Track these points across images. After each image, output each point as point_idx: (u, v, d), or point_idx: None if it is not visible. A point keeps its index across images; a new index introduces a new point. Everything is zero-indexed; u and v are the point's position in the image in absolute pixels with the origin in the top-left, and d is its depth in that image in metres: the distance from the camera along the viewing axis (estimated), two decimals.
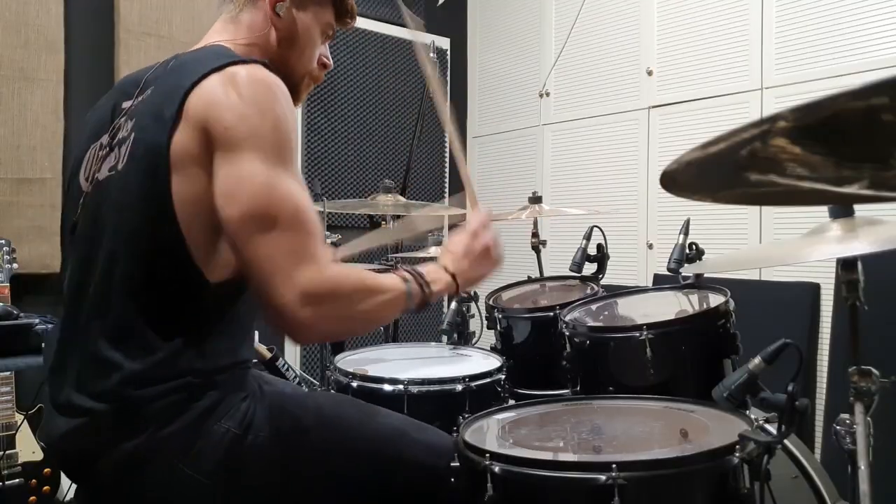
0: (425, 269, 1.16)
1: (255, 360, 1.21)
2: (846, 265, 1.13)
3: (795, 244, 1.24)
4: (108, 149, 1.09)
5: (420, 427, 1.23)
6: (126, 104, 1.11)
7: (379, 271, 1.17)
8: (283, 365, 1.96)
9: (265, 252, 0.98)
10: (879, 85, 0.37)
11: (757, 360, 1.07)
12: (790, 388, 0.95)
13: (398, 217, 2.30)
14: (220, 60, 1.04)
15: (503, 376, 1.55)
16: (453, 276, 1.18)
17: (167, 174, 0.99)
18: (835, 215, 1.14)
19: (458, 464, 1.06)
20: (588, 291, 1.83)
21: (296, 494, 1.09)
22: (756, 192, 0.58)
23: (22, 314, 1.94)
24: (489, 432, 1.18)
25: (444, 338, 1.98)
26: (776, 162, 0.48)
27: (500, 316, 1.82)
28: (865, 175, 0.48)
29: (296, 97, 1.23)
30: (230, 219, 0.98)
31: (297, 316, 0.97)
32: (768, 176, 0.51)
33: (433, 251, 2.33)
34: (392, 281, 1.10)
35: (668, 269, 1.60)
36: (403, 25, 3.74)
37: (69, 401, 1.02)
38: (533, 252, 2.18)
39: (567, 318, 1.52)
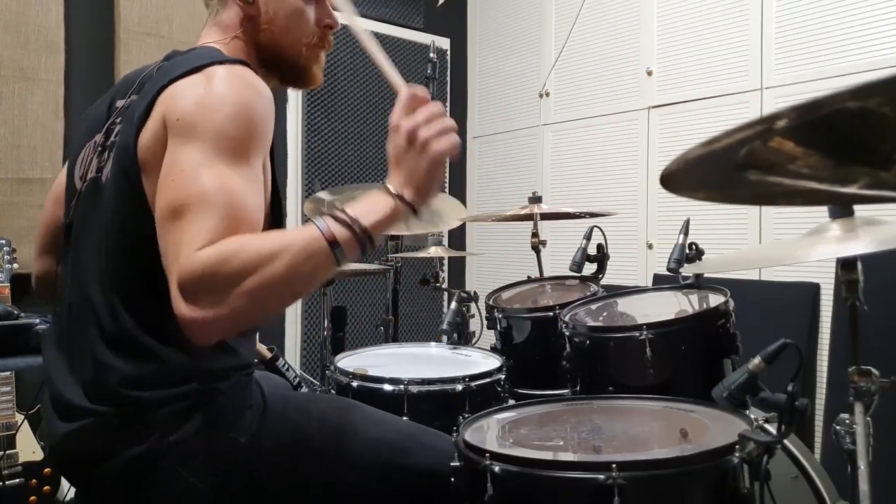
0: (364, 200, 0.97)
1: (255, 361, 1.20)
2: (846, 265, 1.13)
3: (795, 244, 1.24)
4: (101, 148, 1.09)
5: (427, 433, 1.22)
6: (119, 103, 1.10)
7: (377, 271, 1.11)
8: (284, 365, 1.96)
9: (162, 244, 0.91)
10: (877, 84, 0.37)
11: (757, 360, 1.07)
12: (790, 388, 0.95)
13: None
14: (203, 60, 1.02)
15: (503, 376, 1.55)
16: (398, 195, 0.96)
17: (138, 176, 0.98)
18: (834, 215, 1.13)
19: (458, 463, 1.06)
20: (588, 291, 1.83)
21: (298, 503, 1.09)
22: (756, 192, 0.58)
23: (22, 314, 1.94)
24: (489, 432, 1.18)
25: (444, 338, 1.98)
26: (776, 162, 0.48)
27: (500, 316, 1.81)
28: (864, 175, 0.48)
29: (307, 73, 1.20)
30: (157, 211, 0.93)
31: (181, 315, 0.86)
32: (768, 176, 0.51)
33: (433, 251, 2.32)
34: (300, 231, 0.93)
35: (668, 269, 1.60)
36: (405, 25, 3.74)
37: (70, 402, 1.01)
38: (533, 252, 2.18)
39: (567, 318, 1.52)
